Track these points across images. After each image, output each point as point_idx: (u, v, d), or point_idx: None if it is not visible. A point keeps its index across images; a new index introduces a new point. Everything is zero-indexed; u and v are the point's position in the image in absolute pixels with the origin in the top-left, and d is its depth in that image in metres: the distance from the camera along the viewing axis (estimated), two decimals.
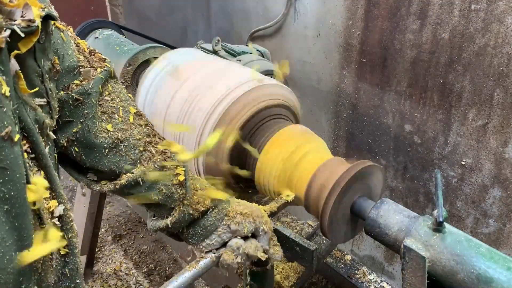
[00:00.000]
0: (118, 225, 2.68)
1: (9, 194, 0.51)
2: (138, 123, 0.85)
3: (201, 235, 0.89)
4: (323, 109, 1.98)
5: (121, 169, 0.82)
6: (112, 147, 0.80)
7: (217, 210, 0.89)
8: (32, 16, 0.54)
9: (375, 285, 1.14)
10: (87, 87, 0.76)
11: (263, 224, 0.92)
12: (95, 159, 0.81)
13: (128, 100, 0.86)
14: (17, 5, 0.53)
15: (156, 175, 0.83)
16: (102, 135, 0.79)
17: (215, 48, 1.74)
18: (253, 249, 0.89)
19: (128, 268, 2.34)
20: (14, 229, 0.52)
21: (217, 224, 0.88)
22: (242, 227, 0.89)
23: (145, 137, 0.85)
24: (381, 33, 1.60)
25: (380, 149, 1.79)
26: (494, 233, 1.51)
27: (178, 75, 1.37)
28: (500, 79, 1.32)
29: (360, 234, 1.95)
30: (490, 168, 1.44)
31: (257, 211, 0.93)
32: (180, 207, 0.86)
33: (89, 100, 0.77)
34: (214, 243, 0.89)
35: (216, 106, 1.19)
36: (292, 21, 1.93)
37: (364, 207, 0.99)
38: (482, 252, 0.80)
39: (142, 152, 0.83)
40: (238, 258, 0.89)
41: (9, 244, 0.52)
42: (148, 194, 0.84)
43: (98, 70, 0.79)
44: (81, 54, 0.78)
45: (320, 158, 1.12)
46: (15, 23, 0.52)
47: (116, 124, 0.81)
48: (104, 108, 0.80)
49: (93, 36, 1.96)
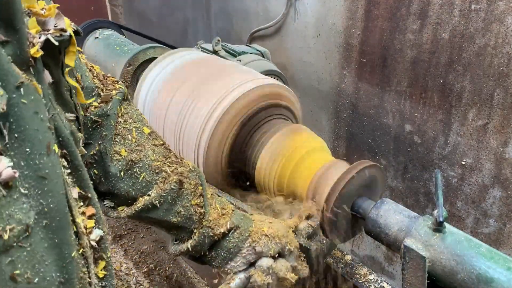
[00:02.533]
0: (118, 225, 2.68)
1: (48, 207, 0.46)
2: (153, 143, 0.84)
3: (225, 257, 0.86)
4: (323, 109, 1.98)
5: (138, 192, 0.80)
6: (126, 169, 0.79)
7: (240, 230, 0.87)
8: (64, 26, 0.53)
9: (375, 285, 1.13)
10: (105, 108, 0.76)
11: (289, 243, 0.90)
12: (111, 183, 0.79)
13: (142, 121, 0.85)
14: (49, 15, 0.52)
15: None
16: (115, 157, 0.78)
17: (215, 48, 1.74)
18: (284, 271, 0.87)
19: (128, 268, 2.34)
20: (54, 247, 0.48)
21: (240, 246, 0.86)
22: (268, 249, 0.86)
23: (160, 157, 0.83)
24: (381, 33, 1.60)
25: (380, 149, 1.79)
26: (494, 233, 1.51)
27: (178, 76, 1.37)
28: (500, 79, 1.32)
29: (360, 234, 1.94)
30: (490, 168, 1.44)
31: (282, 230, 0.90)
32: (199, 229, 0.84)
33: (108, 121, 0.77)
34: (239, 264, 0.87)
35: (216, 106, 1.19)
36: (292, 21, 1.93)
37: (364, 207, 0.99)
38: (482, 252, 0.80)
39: (157, 173, 0.81)
40: (268, 278, 0.86)
41: (48, 264, 0.46)
42: (166, 217, 0.82)
43: (114, 92, 0.78)
44: (95, 78, 0.78)
45: (320, 158, 1.12)
46: (49, 33, 0.51)
47: (129, 145, 0.80)
48: (117, 130, 0.79)
49: (93, 36, 1.96)
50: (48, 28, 0.52)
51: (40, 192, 0.46)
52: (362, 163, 1.01)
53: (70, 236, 0.50)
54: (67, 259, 0.49)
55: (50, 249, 0.47)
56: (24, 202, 0.44)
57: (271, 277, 0.86)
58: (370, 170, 1.02)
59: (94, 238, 0.58)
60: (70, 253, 0.49)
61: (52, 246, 0.47)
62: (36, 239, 0.45)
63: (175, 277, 2.08)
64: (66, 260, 0.49)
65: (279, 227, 0.91)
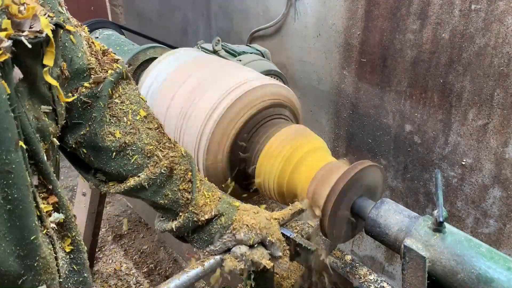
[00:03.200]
0: (118, 225, 2.69)
1: (13, 196, 0.53)
2: (148, 126, 0.85)
3: (206, 241, 0.90)
4: (323, 109, 1.98)
5: (128, 173, 0.82)
6: (119, 151, 0.80)
7: (223, 218, 0.89)
8: (40, 27, 0.55)
9: (375, 285, 1.13)
10: (95, 90, 0.76)
11: (270, 235, 0.92)
12: (102, 161, 0.81)
13: (139, 102, 0.85)
14: (26, 17, 0.53)
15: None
16: (109, 138, 0.79)
17: (215, 48, 1.74)
18: (258, 256, 0.90)
19: (128, 268, 2.34)
20: (16, 228, 0.54)
21: (222, 232, 0.89)
22: (248, 238, 0.89)
23: (154, 141, 0.84)
24: (382, 33, 1.60)
25: (380, 149, 1.79)
26: (494, 233, 1.51)
27: (178, 76, 1.37)
28: (500, 79, 1.32)
29: (360, 234, 1.95)
30: (490, 168, 1.44)
31: (264, 221, 0.92)
32: (185, 213, 0.87)
33: (98, 103, 0.77)
34: (218, 249, 0.90)
35: (216, 106, 1.19)
36: (292, 21, 1.93)
37: (364, 207, 0.99)
38: (482, 252, 0.80)
39: (149, 157, 0.83)
40: (241, 264, 0.89)
41: (9, 239, 0.54)
42: (154, 198, 0.84)
43: (109, 73, 0.78)
44: (92, 56, 0.77)
45: (320, 158, 1.12)
46: (23, 34, 0.53)
47: (124, 128, 0.81)
48: (113, 111, 0.80)
49: (93, 36, 1.95)
50: (23, 29, 0.53)
51: (5, 183, 0.52)
52: (362, 163, 1.01)
53: (31, 222, 0.56)
54: (27, 239, 0.56)
55: (12, 229, 0.54)
56: None
57: (245, 263, 0.90)
58: (370, 170, 1.02)
59: (53, 220, 0.64)
60: (29, 236, 0.56)
61: (13, 226, 0.54)
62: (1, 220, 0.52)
63: None
64: (26, 240, 0.56)
65: (261, 218, 0.93)
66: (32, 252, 0.57)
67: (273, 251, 0.93)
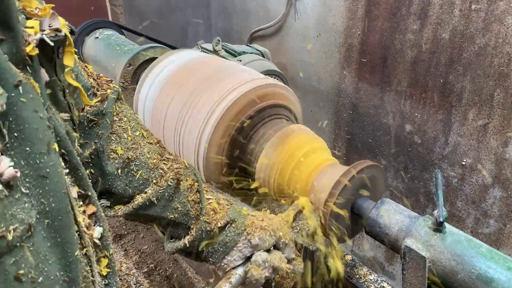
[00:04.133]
0: (119, 225, 2.68)
1: (50, 206, 0.47)
2: (148, 141, 0.85)
3: (221, 252, 0.87)
4: (323, 109, 1.98)
5: (135, 190, 0.81)
6: (123, 167, 0.80)
7: (235, 224, 0.87)
8: (59, 25, 0.53)
9: (375, 285, 1.13)
10: (101, 107, 0.76)
11: (283, 236, 0.90)
12: (108, 182, 0.80)
13: (136, 120, 0.85)
14: (44, 15, 0.52)
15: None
16: (112, 156, 0.79)
17: (215, 48, 1.74)
18: (278, 261, 0.88)
19: (128, 268, 2.34)
20: (57, 245, 0.48)
21: (236, 240, 0.86)
22: (263, 241, 0.87)
23: (156, 154, 0.84)
24: (382, 33, 1.60)
25: (380, 149, 1.79)
26: (494, 233, 1.51)
27: (178, 76, 1.37)
28: (500, 79, 1.32)
29: (360, 234, 1.94)
30: (491, 168, 1.44)
31: (276, 223, 0.91)
32: (197, 225, 0.85)
33: (104, 120, 0.77)
34: (235, 258, 0.87)
35: (216, 106, 1.19)
36: (293, 21, 1.93)
37: (364, 207, 0.99)
38: (483, 252, 0.80)
39: (154, 171, 0.82)
40: (265, 271, 0.87)
41: (52, 263, 0.47)
42: (164, 213, 0.82)
43: (109, 91, 0.79)
44: (90, 77, 0.78)
45: (320, 158, 1.12)
46: (44, 33, 0.51)
47: (125, 144, 0.81)
48: (113, 129, 0.80)
49: (93, 36, 1.96)
50: (43, 28, 0.51)
51: (41, 191, 0.45)
52: (362, 163, 1.01)
53: (72, 235, 0.50)
54: (70, 257, 0.49)
55: (53, 248, 0.47)
56: (25, 201, 0.43)
57: (267, 270, 0.87)
58: (370, 170, 1.02)
59: (96, 236, 0.58)
60: (73, 252, 0.49)
61: (55, 245, 0.47)
62: (39, 238, 0.45)
63: (175, 277, 2.08)
64: (70, 259, 0.49)
65: (273, 220, 0.92)
66: (76, 275, 0.50)
67: (288, 254, 0.91)
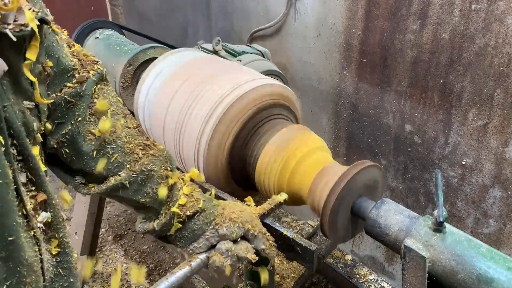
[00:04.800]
0: (119, 225, 2.69)
1: None
2: (126, 125, 0.86)
3: (189, 238, 0.89)
4: (323, 109, 1.98)
5: (109, 172, 0.82)
6: (99, 149, 0.81)
7: (205, 214, 0.89)
8: (25, 21, 0.54)
9: (375, 285, 1.14)
10: (79, 89, 0.77)
11: (252, 228, 0.92)
12: (83, 162, 0.81)
13: (117, 103, 0.86)
14: (10, 9, 0.53)
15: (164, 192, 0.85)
16: (89, 137, 0.80)
17: (215, 48, 1.74)
18: (243, 251, 0.90)
19: (128, 268, 2.34)
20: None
21: (204, 228, 0.89)
22: (231, 232, 0.89)
23: (133, 139, 0.85)
24: (382, 33, 1.60)
25: (380, 149, 1.79)
26: (494, 233, 1.51)
27: (178, 76, 1.37)
28: (500, 79, 1.32)
29: (360, 234, 1.95)
30: (491, 168, 1.44)
31: (246, 215, 0.92)
32: (166, 211, 0.87)
33: (81, 102, 0.78)
34: (201, 246, 0.90)
35: (216, 106, 1.19)
36: (293, 21, 1.93)
37: (364, 207, 0.99)
38: (483, 252, 0.80)
39: (129, 155, 0.84)
40: (228, 260, 0.89)
41: None
42: (135, 197, 0.84)
43: (91, 73, 0.80)
44: (75, 57, 0.79)
45: (320, 159, 1.12)
46: (8, 27, 0.52)
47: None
48: (92, 110, 0.80)
49: (93, 36, 1.96)
50: (8, 22, 0.53)
51: None
52: (362, 163, 1.01)
53: (12, 221, 0.54)
54: (7, 240, 0.53)
55: None
56: None
57: (231, 259, 0.89)
58: (370, 170, 1.02)
59: (41, 220, 0.62)
60: (11, 235, 0.54)
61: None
62: None
63: None
64: (7, 240, 0.53)
65: (243, 212, 0.93)
66: (15, 253, 0.55)
67: (257, 244, 0.93)
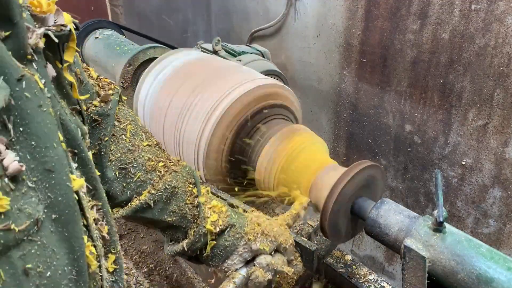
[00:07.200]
0: (119, 225, 2.68)
1: (56, 200, 0.46)
2: (147, 143, 0.85)
3: (221, 256, 0.87)
4: (323, 109, 1.98)
5: (132, 192, 0.81)
6: (121, 169, 0.80)
7: (235, 229, 0.87)
8: (63, 21, 0.53)
9: (375, 285, 1.13)
10: (106, 108, 0.76)
11: (284, 242, 0.91)
12: (106, 183, 0.79)
13: (135, 121, 0.85)
14: (49, 11, 0.52)
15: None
16: (110, 158, 0.79)
17: (215, 48, 1.74)
18: (281, 264, 0.89)
19: (128, 268, 2.34)
20: (65, 240, 0.47)
21: (236, 244, 0.86)
22: (264, 247, 0.87)
23: (154, 157, 0.84)
24: (382, 33, 1.60)
25: (380, 149, 1.79)
26: (494, 233, 1.51)
27: (178, 76, 1.37)
28: (500, 79, 1.32)
29: (360, 234, 1.94)
30: (491, 168, 1.44)
31: (277, 228, 0.91)
32: (194, 228, 0.84)
33: (108, 121, 0.77)
34: (236, 262, 0.87)
35: (216, 106, 1.19)
36: (293, 21, 1.93)
37: (364, 207, 0.99)
38: (483, 252, 0.80)
39: (151, 173, 0.82)
40: (269, 274, 0.87)
41: (60, 257, 0.46)
42: (161, 216, 0.82)
43: (110, 93, 0.79)
44: (90, 78, 0.78)
45: (320, 159, 1.12)
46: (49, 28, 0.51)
47: (124, 146, 0.81)
48: (112, 130, 0.79)
49: (93, 36, 1.96)
50: (48, 24, 0.51)
51: (47, 185, 0.45)
52: (362, 163, 1.01)
53: (80, 229, 0.49)
54: (78, 252, 0.48)
55: (61, 243, 0.46)
56: (32, 195, 0.43)
57: (270, 273, 0.88)
58: (370, 170, 1.02)
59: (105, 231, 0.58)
60: (80, 247, 0.49)
61: (62, 239, 0.47)
62: (46, 232, 0.45)
63: (175, 277, 2.08)
64: (77, 253, 0.48)
65: (274, 225, 0.92)
66: (83, 270, 0.49)
67: (288, 257, 0.92)
